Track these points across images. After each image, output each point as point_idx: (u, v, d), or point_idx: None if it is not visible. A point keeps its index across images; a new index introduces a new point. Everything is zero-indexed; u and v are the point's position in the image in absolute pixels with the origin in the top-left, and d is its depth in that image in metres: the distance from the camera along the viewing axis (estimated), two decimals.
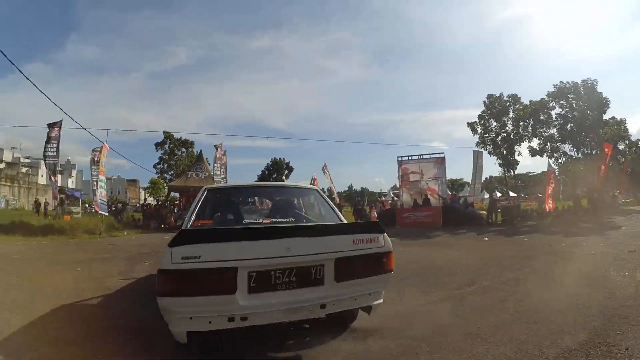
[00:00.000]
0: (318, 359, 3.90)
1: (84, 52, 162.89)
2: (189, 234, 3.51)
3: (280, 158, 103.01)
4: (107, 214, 22.00)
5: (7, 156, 70.92)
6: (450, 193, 27.45)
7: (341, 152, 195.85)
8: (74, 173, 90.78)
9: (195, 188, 27.98)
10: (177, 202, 32.67)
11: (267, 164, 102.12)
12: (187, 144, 59.44)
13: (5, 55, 15.91)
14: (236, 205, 5.85)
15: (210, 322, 3.44)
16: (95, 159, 21.73)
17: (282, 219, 5.05)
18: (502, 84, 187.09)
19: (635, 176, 42.67)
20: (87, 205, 39.50)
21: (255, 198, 7.70)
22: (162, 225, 24.49)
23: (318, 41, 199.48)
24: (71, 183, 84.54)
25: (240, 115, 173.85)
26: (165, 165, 59.26)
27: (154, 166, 60.35)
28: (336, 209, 5.33)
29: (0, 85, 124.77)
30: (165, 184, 53.28)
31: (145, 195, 57.01)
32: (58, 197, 26.02)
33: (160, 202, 32.53)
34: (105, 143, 22.62)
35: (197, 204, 5.03)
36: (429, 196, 23.79)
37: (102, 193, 21.39)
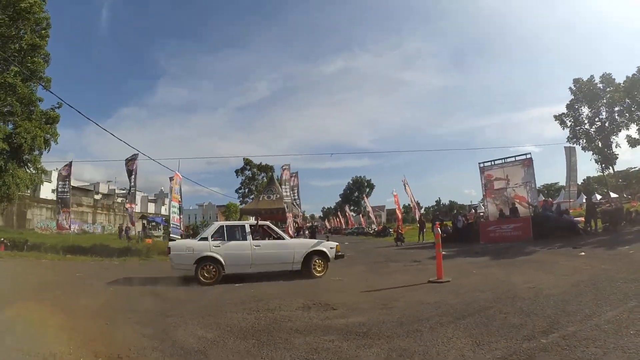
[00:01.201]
0: None
1: (173, 95, 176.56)
2: None
3: (361, 176, 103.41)
4: (179, 237, 21.99)
5: (104, 188, 78.61)
6: (541, 199, 24.79)
7: (427, 165, 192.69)
8: (166, 201, 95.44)
9: (266, 210, 27.77)
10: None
11: (349, 182, 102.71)
12: (267, 169, 58.96)
13: (81, 113, 18.06)
14: None
15: None
16: (171, 187, 23.15)
17: None
18: (589, 68, 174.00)
19: None
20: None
21: None
22: None
23: (391, 55, 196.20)
24: (164, 210, 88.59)
25: (324, 138, 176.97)
26: (247, 190, 59.71)
27: (236, 191, 61.55)
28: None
29: (99, 129, 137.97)
30: (238, 207, 53.79)
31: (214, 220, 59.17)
32: (134, 223, 27.38)
33: None
34: (177, 172, 23.18)
35: None
36: (517, 205, 21.34)
37: (174, 218, 22.37)
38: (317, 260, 11.73)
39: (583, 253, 12.80)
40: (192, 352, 4.89)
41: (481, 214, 26.56)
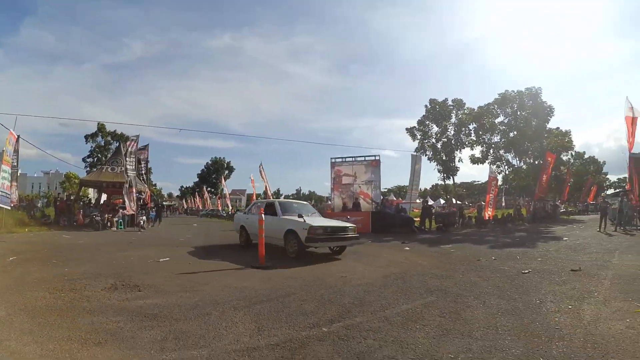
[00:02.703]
0: None
1: (38, 39, 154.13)
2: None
3: (221, 158, 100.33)
4: (8, 207, 19.74)
5: None
6: (383, 198, 26.28)
7: (295, 156, 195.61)
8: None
9: (108, 183, 25.60)
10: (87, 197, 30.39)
11: (207, 163, 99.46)
12: (122, 138, 53.89)
13: None
14: None
15: None
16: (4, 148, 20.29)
17: None
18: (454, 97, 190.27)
19: (578, 186, 43.26)
20: None
21: None
22: (74, 223, 22.68)
23: (281, 44, 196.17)
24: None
25: (196, 113, 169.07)
26: (95, 159, 55.48)
27: (84, 159, 57.20)
28: None
29: None
30: (78, 178, 50.05)
31: (59, 191, 53.07)
32: None
33: (72, 198, 29.72)
34: (11, 130, 20.48)
35: None
36: (361, 200, 22.48)
37: (4, 185, 19.42)
38: (291, 241, 11.37)
39: (408, 248, 13.69)
40: None
41: (329, 203, 27.50)
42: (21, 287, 7.03)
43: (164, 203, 41.13)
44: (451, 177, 39.19)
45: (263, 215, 10.43)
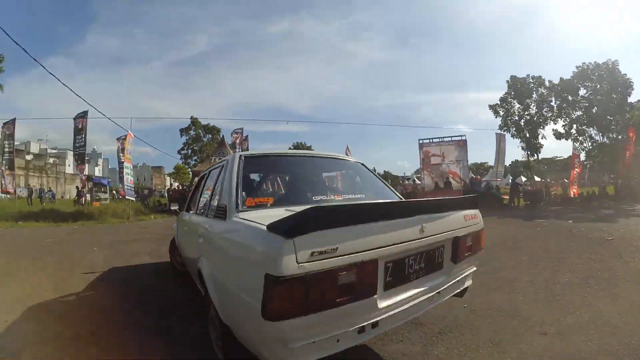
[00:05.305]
0: None
1: (104, 44, 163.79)
2: (321, 213, 2.21)
3: (301, 142, 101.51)
4: (134, 199, 22.50)
5: (35, 148, 72.03)
6: (471, 176, 27.30)
7: (364, 135, 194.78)
8: (100, 162, 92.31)
9: None
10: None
11: (289, 148, 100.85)
12: (214, 130, 58.55)
13: (27, 52, 16.91)
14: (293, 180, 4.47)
15: (338, 341, 2.37)
16: (121, 147, 22.84)
17: (356, 196, 4.02)
18: (526, 67, 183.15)
19: None
20: (114, 192, 39.65)
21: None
22: None
23: (338, 23, 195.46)
24: (98, 171, 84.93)
25: (263, 101, 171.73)
26: (190, 151, 59.09)
27: (178, 152, 60.13)
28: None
29: (27, 80, 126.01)
30: (189, 170, 52.42)
31: (170, 181, 56.27)
32: (87, 184, 26.73)
33: (185, 187, 32.53)
34: (129, 131, 22.94)
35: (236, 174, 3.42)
36: (450, 179, 23.74)
37: (128, 179, 22.00)
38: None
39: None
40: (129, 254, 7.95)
41: (418, 184, 28.71)
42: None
43: None
44: (535, 154, 39.48)
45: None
